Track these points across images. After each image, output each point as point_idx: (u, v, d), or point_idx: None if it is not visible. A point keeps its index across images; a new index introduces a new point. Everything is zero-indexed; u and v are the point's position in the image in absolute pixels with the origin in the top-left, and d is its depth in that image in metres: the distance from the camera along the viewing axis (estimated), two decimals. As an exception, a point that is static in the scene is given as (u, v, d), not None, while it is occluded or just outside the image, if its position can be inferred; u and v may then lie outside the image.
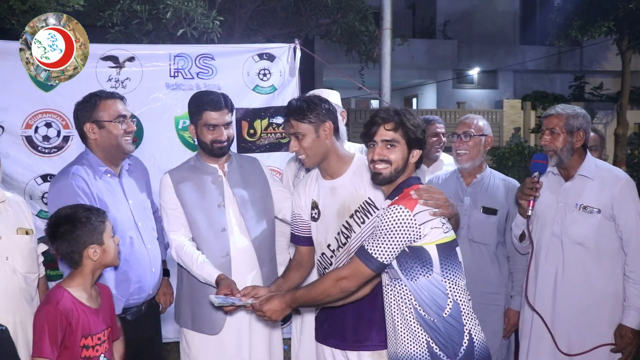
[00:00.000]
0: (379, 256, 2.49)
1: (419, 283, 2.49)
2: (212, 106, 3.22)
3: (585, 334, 3.21)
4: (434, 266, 2.49)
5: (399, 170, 2.61)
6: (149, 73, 4.46)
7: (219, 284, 3.05)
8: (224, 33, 8.18)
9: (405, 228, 2.45)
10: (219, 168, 3.33)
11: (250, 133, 4.63)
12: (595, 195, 3.22)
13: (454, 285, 2.53)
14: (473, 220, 3.63)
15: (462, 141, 3.70)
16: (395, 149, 2.60)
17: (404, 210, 2.46)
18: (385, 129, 2.60)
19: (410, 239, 2.47)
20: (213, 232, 3.25)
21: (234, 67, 4.61)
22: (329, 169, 3.03)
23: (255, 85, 4.64)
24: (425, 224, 2.48)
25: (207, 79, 4.53)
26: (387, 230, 2.47)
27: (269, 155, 4.61)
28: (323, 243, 3.05)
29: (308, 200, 3.12)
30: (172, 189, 3.27)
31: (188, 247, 3.21)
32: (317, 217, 3.08)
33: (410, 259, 2.50)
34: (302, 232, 3.15)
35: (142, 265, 3.18)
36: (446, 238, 2.54)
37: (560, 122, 3.27)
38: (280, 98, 4.63)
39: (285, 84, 4.68)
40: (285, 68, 4.67)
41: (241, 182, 3.35)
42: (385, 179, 2.62)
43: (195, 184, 3.28)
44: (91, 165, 3.13)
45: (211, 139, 3.23)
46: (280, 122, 4.61)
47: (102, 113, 3.11)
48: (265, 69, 4.64)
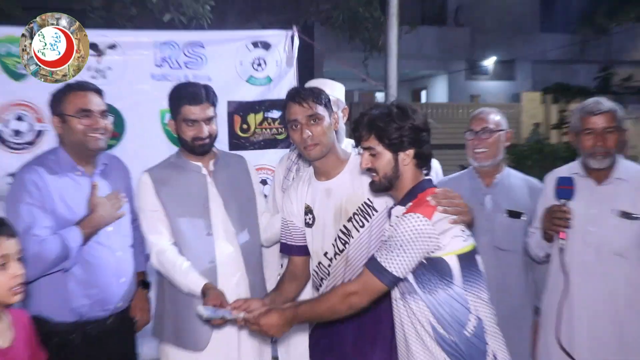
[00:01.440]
0: (393, 270, 2.46)
1: (438, 297, 2.47)
2: (191, 100, 3.21)
3: None
4: (454, 278, 2.48)
5: (390, 176, 2.62)
6: (132, 62, 4.46)
7: (205, 294, 3.01)
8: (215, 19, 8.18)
9: (423, 238, 2.44)
10: (203, 166, 3.32)
11: (244, 128, 4.62)
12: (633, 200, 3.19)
13: (476, 299, 2.51)
14: (497, 225, 3.57)
15: (481, 138, 3.64)
16: (377, 156, 2.61)
17: (421, 219, 2.44)
18: (363, 137, 2.63)
19: (428, 250, 2.46)
20: (197, 237, 3.23)
21: (225, 56, 4.60)
22: (325, 167, 3.05)
23: (249, 76, 4.64)
24: (445, 233, 2.47)
25: (196, 69, 4.53)
26: (403, 241, 2.45)
27: (263, 152, 4.61)
28: (319, 251, 3.06)
29: (301, 204, 3.13)
30: (152, 189, 3.25)
31: (170, 253, 3.17)
32: (312, 223, 3.08)
33: (428, 271, 2.48)
34: (296, 240, 3.16)
35: (107, 274, 3.16)
36: (467, 247, 2.53)
37: (614, 119, 3.22)
38: (277, 90, 4.63)
39: (282, 75, 4.68)
40: (282, 57, 4.67)
41: (228, 182, 3.35)
42: (378, 187, 2.65)
43: (177, 183, 3.27)
44: (58, 161, 3.15)
45: (191, 136, 3.23)
46: (276, 117, 4.61)
47: (67, 106, 3.13)
48: (260, 58, 4.64)
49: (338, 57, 7.82)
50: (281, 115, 4.57)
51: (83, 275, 3.08)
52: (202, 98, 3.22)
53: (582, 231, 3.22)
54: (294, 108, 2.99)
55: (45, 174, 3.07)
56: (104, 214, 3.11)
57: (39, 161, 3.17)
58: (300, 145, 3.01)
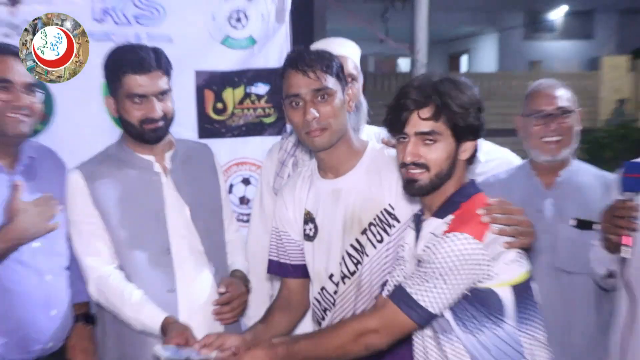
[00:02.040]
0: (428, 305, 2.50)
1: (483, 338, 2.52)
2: (136, 67, 3.22)
3: None
4: (505, 315, 2.52)
5: (443, 175, 2.61)
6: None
7: (166, 330, 3.04)
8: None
9: (471, 266, 2.46)
10: (155, 161, 3.36)
11: (218, 108, 4.60)
12: None
13: (532, 340, 2.57)
14: (561, 239, 3.56)
15: (557, 122, 3.59)
16: (436, 145, 2.58)
17: (470, 241, 2.47)
18: (420, 117, 2.57)
19: (475, 280, 2.49)
20: (151, 256, 3.27)
21: (192, 6, 4.59)
22: (334, 161, 3.05)
23: (226, 36, 4.63)
24: (499, 259, 2.49)
25: (150, 26, 4.50)
26: (444, 269, 2.47)
27: (245, 141, 4.61)
28: (322, 273, 3.11)
29: (299, 211, 3.18)
30: (86, 192, 3.28)
31: (114, 279, 3.21)
32: (314, 236, 3.13)
33: (472, 306, 2.53)
34: (292, 258, 3.21)
35: (32, 305, 3.20)
36: (523, 275, 2.56)
37: None
38: (262, 55, 4.64)
39: (270, 34, 4.68)
40: (269, 10, 4.66)
41: (190, 181, 3.40)
42: (422, 188, 2.63)
43: (120, 183, 3.32)
44: None
45: (139, 117, 3.25)
46: (262, 93, 4.61)
47: None
48: (240, 10, 4.62)
49: (347, 9, 7.82)
50: (270, 90, 4.59)
51: (2, 305, 3.11)
52: (150, 64, 3.23)
53: None
54: (296, 78, 2.96)
55: None
56: (28, 224, 3.12)
57: None
58: (302, 130, 2.98)
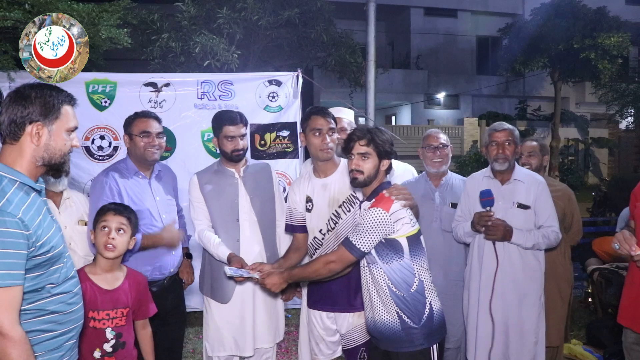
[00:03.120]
0: (361, 246, 2.52)
1: (393, 266, 2.52)
2: (230, 122, 3.20)
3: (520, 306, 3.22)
4: (404, 253, 2.53)
5: (372, 177, 2.63)
6: (181, 96, 4.46)
7: (230, 261, 3.06)
8: (241, 64, 8.17)
9: (383, 225, 2.48)
10: (236, 172, 3.30)
11: (262, 144, 4.61)
12: (525, 195, 3.24)
13: (419, 267, 2.56)
14: (444, 214, 3.53)
15: (438, 151, 3.58)
16: (368, 160, 2.61)
17: (381, 212, 2.49)
18: (359, 144, 2.61)
19: (386, 233, 2.50)
20: (227, 223, 3.23)
21: (248, 90, 4.59)
22: (325, 168, 3.08)
23: (266, 105, 4.62)
24: (398, 221, 2.51)
25: (227, 100, 4.52)
26: (368, 227, 2.50)
27: (276, 161, 4.57)
28: (315, 229, 3.07)
29: (303, 195, 3.13)
30: (198, 187, 3.26)
31: (207, 232, 3.21)
32: (311, 209, 3.09)
33: (386, 248, 2.53)
34: (298, 222, 3.16)
35: (164, 249, 3.17)
36: (413, 230, 2.57)
37: (512, 135, 3.31)
38: (286, 115, 4.63)
39: (290, 104, 4.66)
40: (289, 91, 4.65)
41: (253, 184, 3.31)
42: (360, 183, 2.65)
43: (216, 184, 3.26)
44: (126, 167, 3.17)
45: (231, 149, 3.21)
46: (285, 135, 4.59)
47: (134, 128, 3.16)
48: (274, 92, 4.63)
49: (331, 92, 7.80)
50: (289, 134, 4.57)
51: (150, 251, 3.09)
52: (237, 120, 3.21)
53: None
54: (320, 120, 3.00)
55: (117, 177, 3.10)
56: (166, 237, 3.07)
57: (113, 167, 3.20)
58: (318, 148, 3.00)
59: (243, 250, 3.20)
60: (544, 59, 15.96)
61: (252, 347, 3.26)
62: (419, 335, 2.51)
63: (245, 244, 3.23)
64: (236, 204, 3.25)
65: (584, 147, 21.34)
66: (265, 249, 3.29)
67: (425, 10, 23.60)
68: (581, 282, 6.05)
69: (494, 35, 20.86)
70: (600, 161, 21.79)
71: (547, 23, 15.48)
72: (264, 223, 3.30)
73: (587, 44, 14.57)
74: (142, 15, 8.62)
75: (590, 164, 21.60)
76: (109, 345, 2.50)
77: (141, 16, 8.52)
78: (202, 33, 7.81)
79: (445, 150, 3.61)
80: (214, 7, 8.35)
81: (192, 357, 4.51)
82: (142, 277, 2.73)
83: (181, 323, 3.45)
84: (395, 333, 2.52)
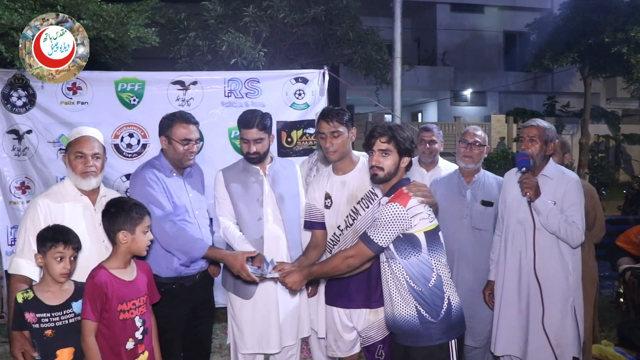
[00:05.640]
0: (379, 241, 2.53)
1: (410, 261, 2.53)
2: (244, 125, 3.20)
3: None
4: (422, 248, 2.53)
5: (392, 173, 2.65)
6: (208, 94, 4.46)
7: (253, 258, 3.05)
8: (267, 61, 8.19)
9: (400, 220, 2.50)
10: (261, 170, 3.29)
11: (288, 141, 4.59)
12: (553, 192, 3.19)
13: (437, 262, 2.57)
14: (474, 211, 3.51)
15: (471, 148, 3.59)
16: (388, 156, 2.63)
17: (399, 207, 2.50)
18: (380, 141, 2.64)
19: (403, 228, 2.51)
20: (251, 220, 3.22)
21: (275, 88, 4.56)
22: (342, 166, 3.11)
23: (292, 102, 4.60)
24: (416, 216, 2.51)
25: (253, 98, 4.50)
26: (386, 222, 2.51)
27: (302, 159, 4.46)
28: (334, 225, 3.09)
29: (322, 192, 3.15)
30: (223, 184, 3.26)
31: (232, 229, 3.21)
32: (330, 206, 3.11)
33: (404, 243, 2.53)
34: (317, 218, 3.17)
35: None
36: (431, 226, 2.57)
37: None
38: (312, 113, 4.57)
39: (316, 102, 4.62)
40: (316, 89, 4.62)
41: (279, 182, 3.30)
42: (380, 179, 2.67)
43: (241, 181, 3.26)
44: (162, 165, 3.17)
45: (245, 151, 3.23)
46: (312, 132, 4.57)
47: (174, 132, 3.13)
48: (300, 89, 4.60)
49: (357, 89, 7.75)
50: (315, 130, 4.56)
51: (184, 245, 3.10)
52: (251, 124, 3.17)
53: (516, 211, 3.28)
54: (323, 124, 3.05)
55: (155, 172, 3.11)
56: (230, 262, 3.02)
57: (149, 163, 3.20)
58: (325, 151, 3.07)
59: (267, 248, 3.20)
60: (574, 54, 15.70)
61: (277, 344, 3.25)
62: (437, 330, 2.52)
63: (270, 242, 3.22)
64: (261, 201, 3.24)
65: (615, 143, 20.93)
66: (289, 247, 3.28)
67: (452, 6, 23.40)
68: (611, 282, 5.92)
69: (521, 30, 20.59)
70: (632, 158, 21.34)
71: (577, 17, 15.22)
72: (289, 221, 3.29)
73: (618, 38, 14.26)
74: (170, 14, 8.71)
75: (622, 161, 21.18)
76: (139, 332, 2.61)
77: (168, 15, 8.60)
78: (229, 31, 7.85)
79: (478, 149, 3.59)
80: (240, 6, 8.39)
81: (219, 352, 4.53)
82: (147, 265, 2.83)
83: (210, 318, 3.45)
84: (414, 328, 2.53)
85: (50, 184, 3.95)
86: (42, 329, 2.47)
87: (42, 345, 2.48)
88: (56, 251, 2.48)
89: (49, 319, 2.49)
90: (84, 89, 4.25)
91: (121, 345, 2.54)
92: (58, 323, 2.51)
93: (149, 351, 2.67)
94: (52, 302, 2.52)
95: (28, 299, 2.48)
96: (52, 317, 2.50)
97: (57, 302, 2.53)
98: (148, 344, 2.67)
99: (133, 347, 2.58)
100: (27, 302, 2.47)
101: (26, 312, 2.46)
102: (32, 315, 2.46)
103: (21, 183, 4.22)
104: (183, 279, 3.13)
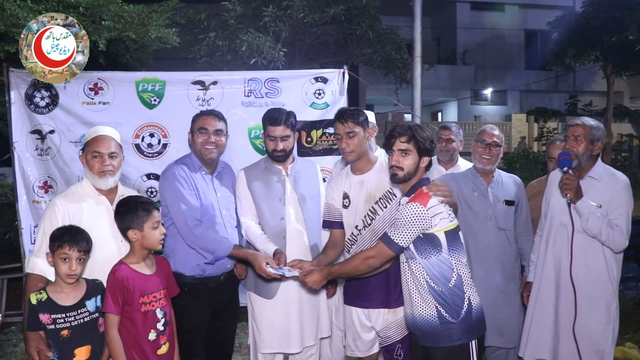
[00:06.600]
0: (399, 241, 2.53)
1: (431, 261, 2.52)
2: (271, 122, 3.19)
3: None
4: (442, 248, 2.52)
5: (411, 173, 2.63)
6: (228, 93, 4.46)
7: (275, 254, 3.05)
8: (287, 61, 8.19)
9: (421, 220, 2.48)
10: (283, 169, 3.28)
11: (308, 141, 4.57)
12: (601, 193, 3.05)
13: (458, 262, 2.55)
14: (498, 212, 3.45)
15: (489, 148, 3.51)
16: (408, 156, 2.62)
17: (419, 207, 2.49)
18: (400, 141, 2.62)
19: (424, 228, 2.50)
20: (274, 219, 3.20)
21: (295, 88, 4.54)
22: (360, 166, 3.11)
23: (312, 102, 4.58)
24: (436, 216, 2.50)
25: (273, 98, 4.49)
26: (406, 222, 2.50)
27: (322, 158, 4.52)
28: (352, 225, 3.09)
29: (340, 192, 3.15)
30: (245, 183, 3.25)
31: (254, 228, 3.19)
32: (348, 205, 3.11)
33: (424, 243, 2.52)
34: (335, 218, 3.18)
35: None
36: (452, 225, 2.56)
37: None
38: (332, 112, 4.51)
39: (336, 101, 4.59)
40: (335, 88, 4.59)
41: (300, 182, 3.29)
42: (399, 179, 2.66)
43: (263, 181, 3.25)
44: (192, 162, 3.18)
45: (271, 148, 3.22)
46: (332, 132, 4.54)
47: (195, 125, 3.17)
48: (320, 89, 4.57)
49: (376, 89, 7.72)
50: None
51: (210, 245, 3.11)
52: (279, 121, 3.17)
53: (559, 214, 3.17)
54: (338, 125, 3.07)
55: (185, 169, 3.12)
56: (254, 261, 3.02)
57: (180, 161, 3.21)
58: (341, 152, 3.10)
59: (289, 247, 3.18)
60: (596, 52, 15.48)
61: (299, 344, 3.24)
62: (458, 331, 2.50)
63: (292, 241, 3.21)
64: (283, 201, 3.23)
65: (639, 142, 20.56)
66: (310, 246, 3.26)
67: (472, 4, 23.20)
68: (635, 283, 5.81)
69: (542, 28, 20.30)
70: (656, 157, 20.97)
71: (600, 14, 14.98)
72: (310, 220, 3.28)
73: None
74: (190, 14, 8.74)
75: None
76: (161, 324, 2.66)
77: (189, 16, 8.64)
78: (249, 31, 7.87)
79: (496, 150, 3.53)
80: (260, 6, 8.40)
81: (239, 351, 4.53)
82: (165, 259, 2.90)
83: (234, 319, 3.43)
84: (434, 328, 2.52)
85: (72, 184, 3.98)
86: (57, 330, 2.49)
87: (59, 345, 2.50)
88: (62, 252, 2.50)
89: (64, 319, 2.51)
90: (105, 89, 4.28)
91: (144, 336, 2.59)
92: (74, 323, 2.52)
93: (170, 343, 2.72)
94: (66, 303, 2.53)
95: (42, 300, 2.50)
96: (68, 318, 2.51)
97: (71, 302, 2.55)
98: (169, 335, 2.72)
99: (155, 338, 2.63)
100: (40, 304, 2.49)
101: (40, 314, 2.47)
102: (46, 316, 2.48)
103: (44, 182, 4.27)
104: (207, 279, 3.13)
